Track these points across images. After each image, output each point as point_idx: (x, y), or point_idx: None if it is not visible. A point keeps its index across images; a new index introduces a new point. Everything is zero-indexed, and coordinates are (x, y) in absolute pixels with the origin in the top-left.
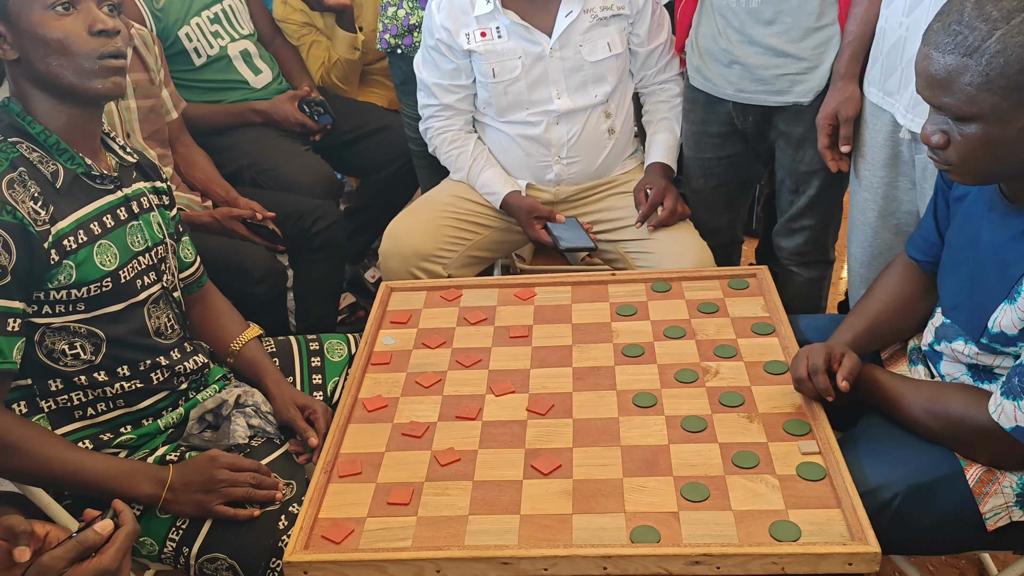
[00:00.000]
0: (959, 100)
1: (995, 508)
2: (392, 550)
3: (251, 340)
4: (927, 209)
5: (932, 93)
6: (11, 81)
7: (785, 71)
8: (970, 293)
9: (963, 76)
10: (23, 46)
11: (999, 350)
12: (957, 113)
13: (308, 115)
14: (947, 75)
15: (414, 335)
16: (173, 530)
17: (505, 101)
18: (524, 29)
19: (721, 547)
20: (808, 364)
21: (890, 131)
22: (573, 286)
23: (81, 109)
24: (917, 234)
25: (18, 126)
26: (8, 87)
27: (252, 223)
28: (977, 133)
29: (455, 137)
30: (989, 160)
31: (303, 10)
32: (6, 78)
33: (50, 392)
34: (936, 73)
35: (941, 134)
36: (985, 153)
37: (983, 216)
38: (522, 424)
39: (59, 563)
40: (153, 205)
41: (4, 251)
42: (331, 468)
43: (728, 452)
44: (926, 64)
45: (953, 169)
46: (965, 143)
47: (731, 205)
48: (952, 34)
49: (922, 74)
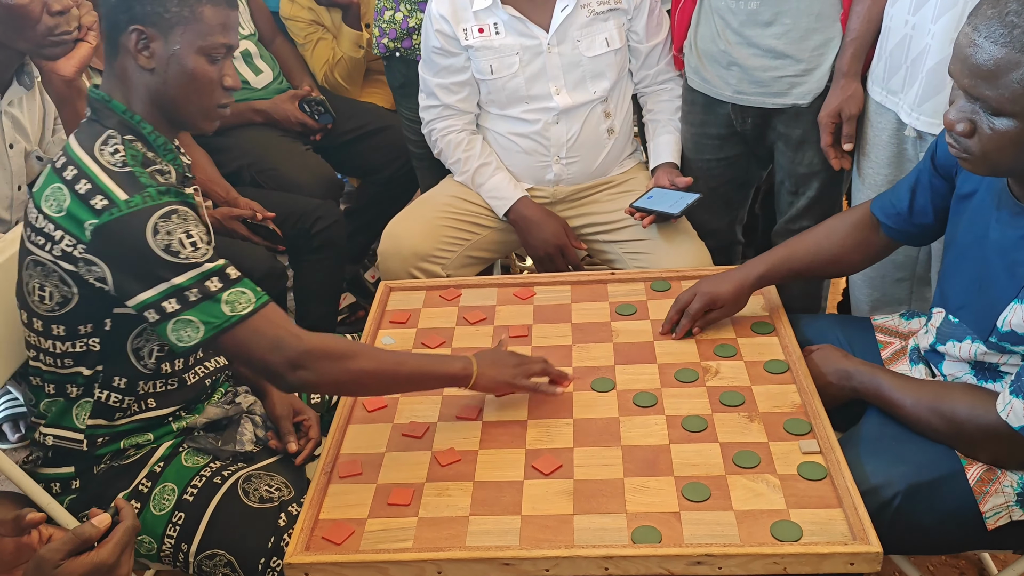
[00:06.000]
0: (1001, 95)
1: (995, 507)
2: (393, 551)
3: None
4: (907, 180)
5: (972, 82)
6: (119, 81)
7: (784, 73)
8: (978, 292)
9: (1013, 72)
10: (166, 65)
11: (1008, 349)
12: (995, 107)
13: (309, 114)
14: (995, 67)
15: (413, 335)
16: (170, 527)
17: (504, 96)
18: (521, 24)
19: (723, 547)
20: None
21: (894, 129)
22: (573, 285)
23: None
24: (887, 198)
25: (129, 125)
26: (108, 82)
27: (252, 223)
28: (1009, 130)
29: (460, 140)
30: (1012, 157)
31: (311, 7)
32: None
33: (111, 386)
34: (983, 63)
35: (968, 123)
36: (1010, 150)
37: (991, 215)
38: (522, 424)
39: (56, 555)
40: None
41: (201, 223)
42: (331, 469)
43: (729, 452)
44: (971, 51)
45: (970, 159)
46: (994, 137)
47: (730, 206)
48: (1008, 25)
49: (964, 59)
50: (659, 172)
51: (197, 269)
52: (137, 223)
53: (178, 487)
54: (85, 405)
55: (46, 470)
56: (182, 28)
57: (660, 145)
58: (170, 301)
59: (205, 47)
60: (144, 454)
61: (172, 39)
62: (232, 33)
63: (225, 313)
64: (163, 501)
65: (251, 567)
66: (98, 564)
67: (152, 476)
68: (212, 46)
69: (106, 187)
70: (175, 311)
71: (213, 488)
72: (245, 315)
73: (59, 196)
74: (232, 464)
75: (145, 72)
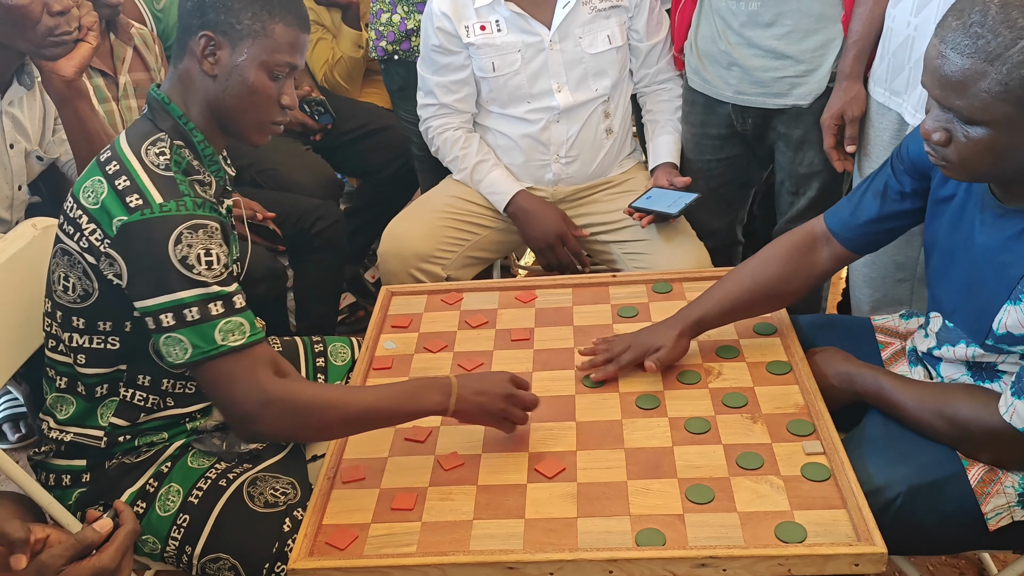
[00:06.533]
0: (971, 104)
1: (997, 508)
2: (397, 556)
3: None
4: (868, 186)
5: (943, 93)
6: (181, 84)
7: (784, 74)
8: (968, 296)
9: (980, 82)
10: (228, 74)
11: (1005, 349)
12: (967, 116)
13: (308, 114)
14: (963, 78)
15: (415, 339)
16: (175, 528)
17: (506, 94)
18: (523, 20)
19: (727, 549)
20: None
21: (896, 130)
22: (574, 288)
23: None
24: (846, 209)
25: (181, 131)
26: (170, 83)
27: (252, 223)
28: (983, 137)
29: (456, 137)
30: (990, 163)
31: (311, 7)
32: (175, 75)
33: (136, 384)
34: (951, 74)
35: (943, 132)
36: (987, 157)
37: (975, 218)
38: (525, 428)
39: (58, 561)
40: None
41: (224, 243)
42: (334, 474)
43: (732, 453)
44: (940, 63)
45: (949, 167)
46: (969, 145)
47: (730, 207)
48: (973, 36)
49: (934, 71)
50: (658, 172)
51: (204, 288)
52: (164, 228)
53: (183, 489)
54: (111, 404)
55: (58, 461)
56: (251, 41)
57: (659, 145)
58: (167, 315)
59: (269, 63)
60: (155, 452)
61: (239, 50)
62: (299, 55)
63: (216, 340)
64: (168, 502)
65: (255, 572)
66: (99, 569)
67: (159, 476)
68: (277, 63)
69: (144, 187)
70: (170, 327)
71: (218, 491)
72: (235, 347)
73: (98, 188)
74: (237, 466)
75: (208, 78)
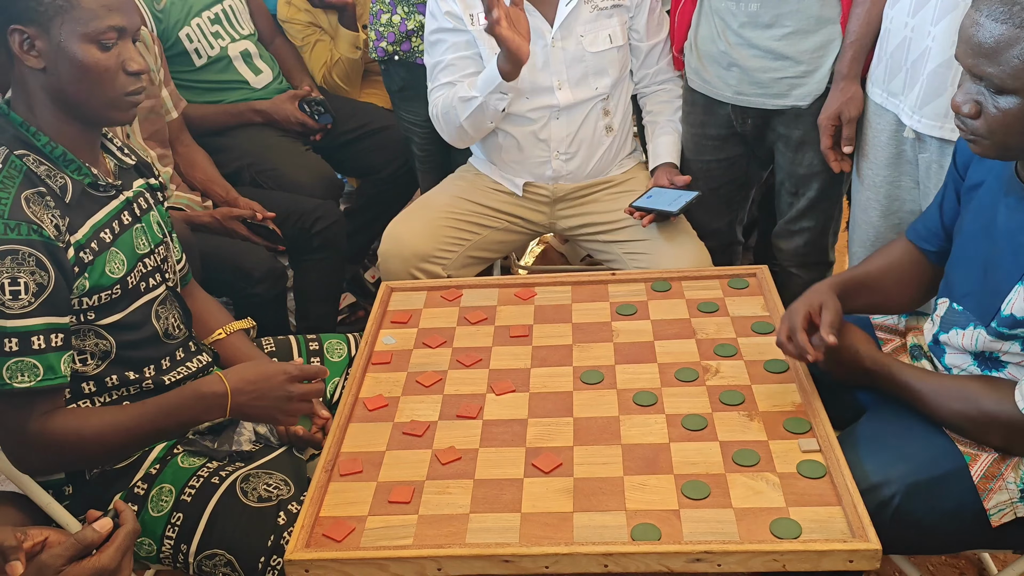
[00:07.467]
0: (1003, 71)
1: (999, 504)
2: (393, 548)
3: (239, 330)
4: (935, 199)
5: (975, 61)
6: (19, 87)
7: (784, 74)
8: (983, 279)
9: (1013, 48)
10: (55, 61)
11: (1007, 334)
12: (998, 84)
13: (308, 114)
14: (995, 44)
15: (415, 335)
16: (169, 528)
17: None
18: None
19: (722, 544)
20: (788, 326)
21: (893, 130)
22: (573, 286)
23: (91, 126)
24: (920, 223)
25: (23, 138)
26: (12, 91)
27: (252, 223)
28: (1013, 108)
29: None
30: (1018, 134)
31: (308, 10)
32: (13, 83)
33: (82, 394)
34: (984, 40)
35: (974, 104)
36: (1017, 128)
37: (999, 201)
38: (523, 423)
39: (58, 561)
40: (151, 204)
41: (40, 270)
42: (332, 467)
43: (729, 450)
44: (974, 30)
45: (978, 140)
46: (999, 116)
47: (730, 207)
48: (1009, 3)
49: (968, 40)
50: (658, 172)
51: (1, 319)
52: None
53: (175, 488)
54: None
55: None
56: (60, 18)
57: (660, 146)
58: None
59: (90, 33)
60: (137, 458)
61: (54, 32)
62: (121, 15)
63: (3, 378)
64: (161, 502)
65: (251, 566)
66: (100, 569)
67: (148, 478)
68: (98, 31)
69: None
70: None
71: (211, 488)
72: (16, 390)
73: None
74: (229, 464)
75: (38, 73)
